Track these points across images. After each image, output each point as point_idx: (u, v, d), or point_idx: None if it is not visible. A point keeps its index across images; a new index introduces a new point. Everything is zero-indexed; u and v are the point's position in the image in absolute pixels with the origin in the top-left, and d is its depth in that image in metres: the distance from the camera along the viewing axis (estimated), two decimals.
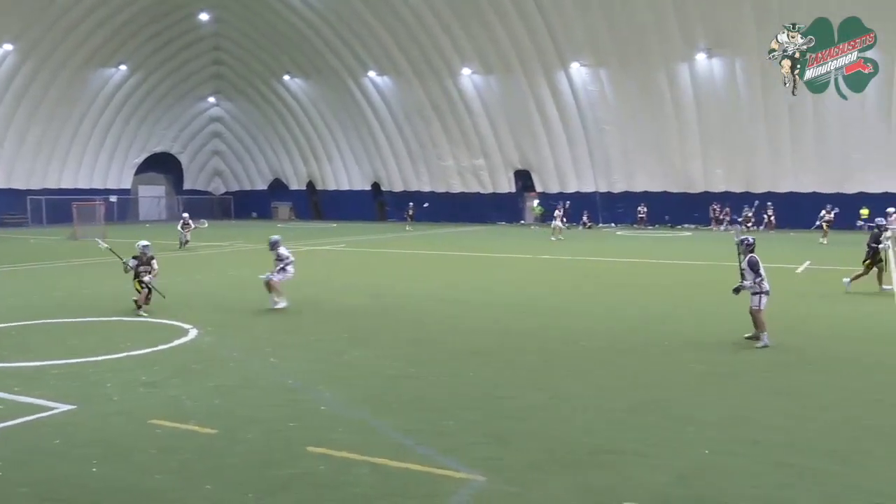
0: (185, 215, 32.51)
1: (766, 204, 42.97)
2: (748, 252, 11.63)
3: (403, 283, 19.76)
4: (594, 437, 7.27)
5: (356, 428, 7.59)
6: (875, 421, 7.81)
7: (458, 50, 48.08)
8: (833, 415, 8.01)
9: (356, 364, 10.43)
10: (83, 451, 6.91)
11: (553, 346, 11.63)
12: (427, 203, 52.25)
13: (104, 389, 8.99)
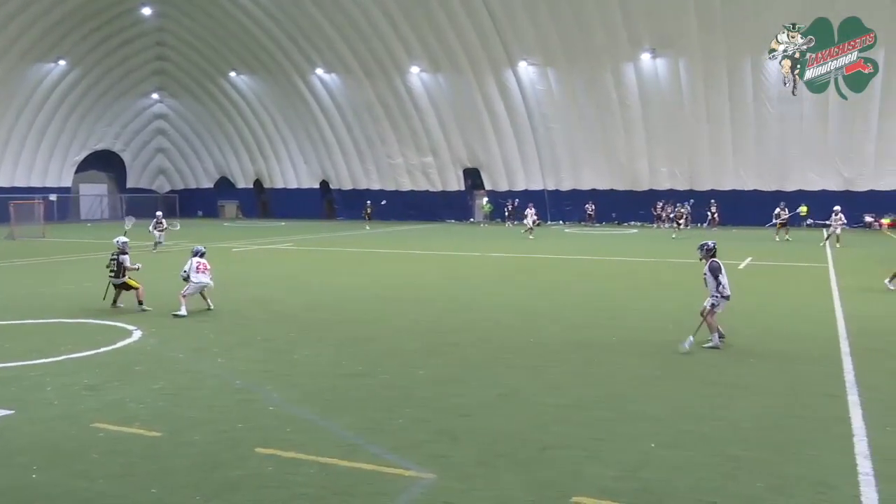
0: (159, 214, 30.25)
1: (711, 201, 43.92)
2: (709, 256, 11.26)
3: (352, 281, 19.65)
4: (543, 433, 7.34)
5: (305, 427, 7.53)
6: (817, 412, 8.05)
7: (406, 48, 48.03)
8: (776, 407, 8.23)
9: (305, 363, 10.35)
10: (22, 457, 6.71)
11: (503, 342, 11.69)
12: (385, 201, 52.08)
13: (44, 393, 8.75)
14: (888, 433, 7.30)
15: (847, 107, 40.30)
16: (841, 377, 9.46)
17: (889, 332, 12.46)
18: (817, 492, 5.93)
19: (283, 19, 49.45)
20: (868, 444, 6.96)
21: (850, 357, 10.54)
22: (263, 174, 60.93)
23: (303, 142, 57.36)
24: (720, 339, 11.06)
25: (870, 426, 7.48)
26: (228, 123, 59.52)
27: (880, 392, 8.77)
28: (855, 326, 12.87)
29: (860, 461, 6.55)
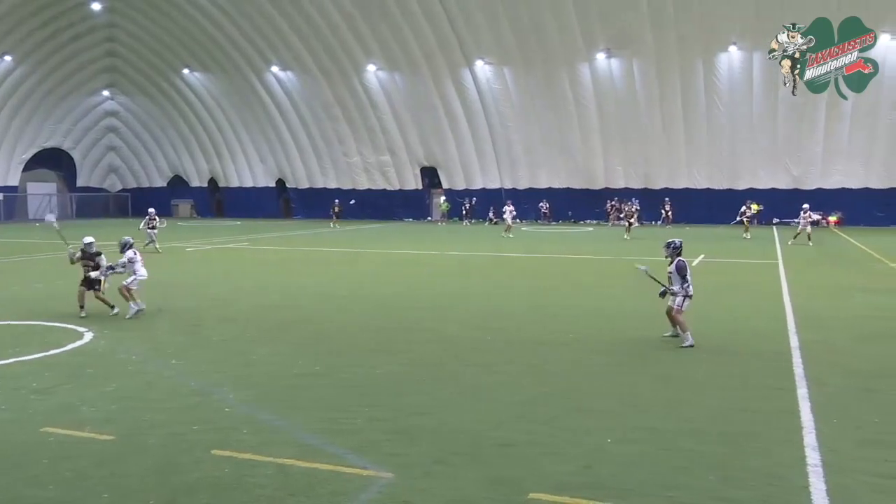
0: (151, 211, 28.61)
1: (665, 199, 44.69)
2: (675, 255, 11.15)
3: (309, 280, 19.52)
4: (500, 430, 7.38)
5: (262, 429, 7.47)
6: (767, 406, 8.23)
7: (362, 46, 47.84)
8: (727, 401, 8.39)
9: (261, 363, 10.25)
10: None
11: (459, 340, 11.73)
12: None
13: None
14: (835, 425, 7.50)
15: (795, 107, 41.27)
16: (790, 371, 9.69)
17: (836, 327, 12.81)
18: (767, 483, 6.07)
19: (237, 16, 48.86)
20: (816, 437, 7.14)
21: (798, 351, 10.79)
22: (218, 173, 60.15)
23: (258, 140, 56.75)
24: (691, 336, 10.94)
25: (818, 418, 7.68)
26: (182, 121, 58.60)
27: (827, 385, 9.01)
28: (803, 320, 13.19)
29: (809, 453, 6.73)
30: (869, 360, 10.33)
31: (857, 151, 41.93)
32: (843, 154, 42.25)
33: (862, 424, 7.53)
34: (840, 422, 7.62)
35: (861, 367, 9.94)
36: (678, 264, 10.98)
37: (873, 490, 5.95)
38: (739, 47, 40.77)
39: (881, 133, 40.90)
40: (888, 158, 41.46)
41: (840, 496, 5.81)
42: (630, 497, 5.82)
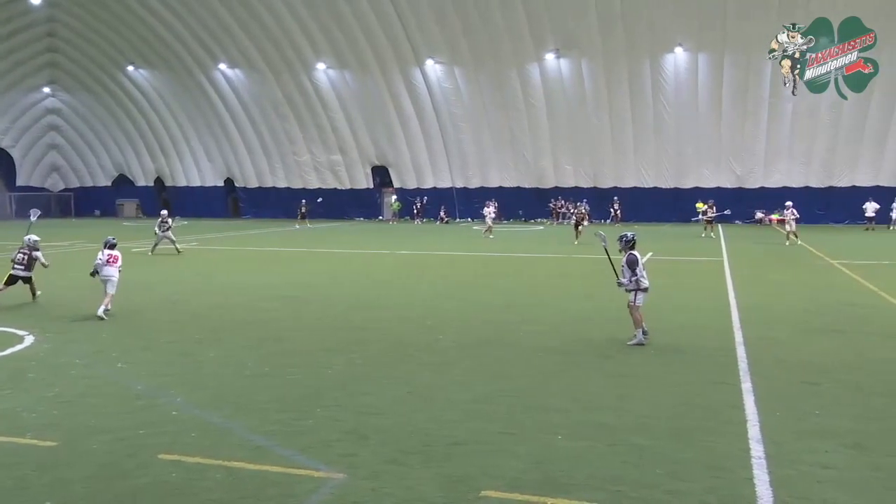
0: (164, 212, 28.21)
1: (613, 198, 45.30)
2: (628, 249, 11.23)
3: (258, 280, 19.30)
4: (452, 429, 7.40)
5: (211, 431, 7.36)
6: (712, 400, 8.41)
7: (312, 44, 47.44)
8: (675, 397, 8.55)
9: (210, 365, 10.10)
10: None
11: (410, 339, 11.72)
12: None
13: None
14: (778, 418, 7.70)
15: (738, 108, 42.27)
16: (735, 366, 9.91)
17: (779, 322, 13.14)
18: (713, 475, 6.21)
19: (183, 12, 47.99)
20: (760, 429, 7.32)
21: (743, 346, 11.05)
22: (165, 172, 59.05)
23: (206, 139, 55.87)
24: (644, 336, 11.06)
25: (761, 412, 7.88)
26: (127, 119, 57.33)
27: (771, 379, 9.24)
28: (747, 317, 13.51)
29: (753, 445, 6.89)
30: (810, 355, 10.63)
31: (797, 151, 43.08)
32: (784, 154, 43.38)
33: (803, 417, 7.74)
34: (783, 414, 7.82)
35: (802, 361, 10.22)
36: (629, 258, 11.08)
37: (815, 480, 6.12)
38: (685, 49, 41.54)
39: (820, 134, 42.08)
40: (827, 158, 42.68)
41: (783, 487, 5.96)
42: (580, 492, 5.89)
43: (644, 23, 40.92)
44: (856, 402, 8.26)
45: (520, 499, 5.78)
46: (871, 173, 42.35)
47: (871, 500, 5.77)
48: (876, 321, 13.30)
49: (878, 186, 41.97)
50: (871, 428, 7.40)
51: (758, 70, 40.95)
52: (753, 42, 39.82)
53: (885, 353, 10.78)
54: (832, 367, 9.84)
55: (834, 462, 6.51)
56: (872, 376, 9.41)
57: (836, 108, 40.80)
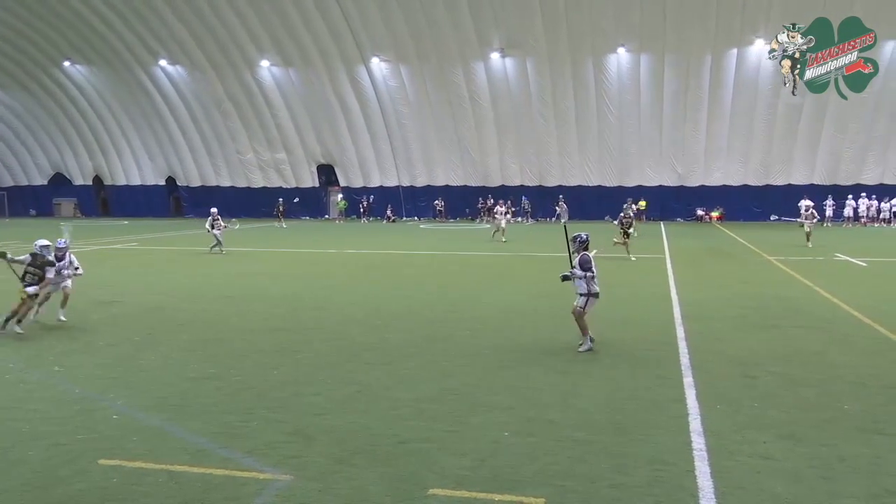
0: (214, 210, 27.07)
1: (559, 196, 45.81)
2: (581, 249, 10.96)
3: (201, 281, 18.98)
4: (399, 428, 7.39)
5: (152, 435, 7.21)
6: (655, 395, 8.56)
7: (255, 41, 46.78)
8: (619, 392, 8.69)
9: (151, 368, 9.89)
10: None
11: (357, 339, 11.66)
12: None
13: None
14: (718, 411, 7.88)
15: (679, 108, 43.16)
16: (677, 361, 10.11)
17: (718, 317, 13.45)
18: (655, 469, 6.33)
19: (121, 6, 46.71)
20: (701, 423, 7.49)
21: (684, 342, 11.28)
22: (103, 170, 57.58)
23: (146, 137, 54.65)
24: (591, 342, 10.71)
25: (702, 405, 8.06)
26: (63, 116, 55.70)
27: (711, 373, 9.45)
28: (688, 312, 13.80)
29: (694, 438, 7.05)
30: (748, 349, 10.91)
31: (735, 151, 44.19)
32: (723, 153, 44.44)
33: (742, 409, 7.94)
34: (722, 407, 8.01)
35: (741, 355, 10.48)
36: (582, 258, 10.83)
37: (753, 470, 6.29)
38: (628, 49, 42.20)
39: (757, 133, 43.24)
40: (764, 157, 43.90)
41: (723, 478, 6.12)
42: (526, 488, 5.94)
43: (587, 24, 41.44)
44: (791, 394, 8.51)
45: (466, 496, 5.81)
46: (806, 172, 43.70)
47: (806, 488, 5.95)
48: (810, 315, 13.72)
49: (813, 184, 43.34)
50: (806, 418, 7.64)
51: (697, 71, 41.88)
52: (693, 44, 40.72)
53: (819, 346, 11.13)
54: (769, 361, 10.11)
55: (771, 452, 6.69)
56: (807, 369, 9.71)
57: (771, 108, 42.01)
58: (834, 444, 6.88)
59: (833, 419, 7.64)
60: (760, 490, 5.91)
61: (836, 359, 10.29)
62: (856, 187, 42.97)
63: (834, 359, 10.29)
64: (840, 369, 9.68)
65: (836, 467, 6.36)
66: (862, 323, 12.88)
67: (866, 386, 8.87)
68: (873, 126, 41.49)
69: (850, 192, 42.96)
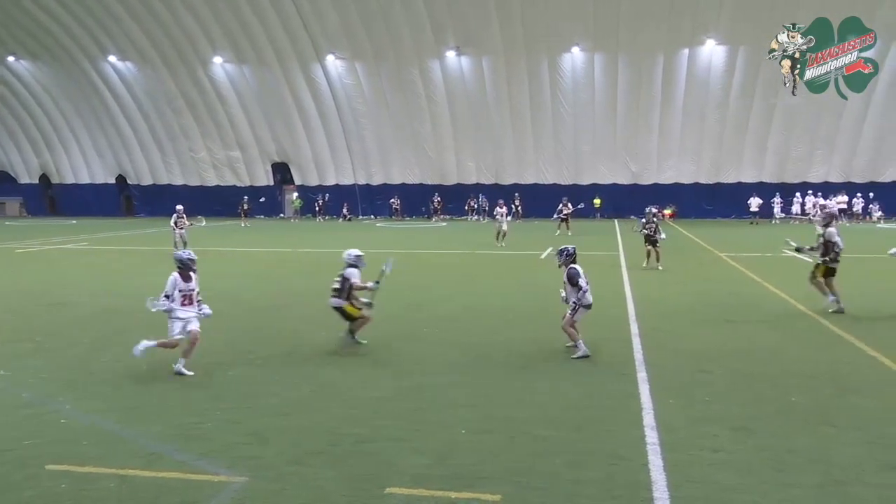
0: (179, 208, 25.93)
1: (514, 194, 46.07)
2: (568, 263, 10.44)
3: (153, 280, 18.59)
4: (358, 427, 7.36)
5: (103, 439, 7.06)
6: (611, 390, 8.68)
7: (208, 37, 46.07)
8: (576, 388, 8.77)
9: (103, 370, 9.68)
10: None
11: (314, 339, 11.57)
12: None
13: None
14: (671, 405, 8.01)
15: (632, 107, 43.72)
16: (631, 356, 10.25)
17: (671, 314, 13.66)
18: (610, 463, 6.41)
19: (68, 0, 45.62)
20: (654, 417, 7.61)
21: (638, 338, 11.43)
22: (51, 168, 56.20)
23: (96, 134, 53.47)
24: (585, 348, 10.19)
25: (656, 400, 8.18)
26: (8, 113, 54.19)
27: (664, 369, 9.60)
28: (642, 309, 13.99)
29: (647, 432, 7.15)
30: (700, 344, 11.10)
31: (687, 149, 44.95)
32: (675, 151, 45.16)
33: (695, 404, 8.08)
34: (676, 402, 8.14)
35: (694, 350, 10.67)
36: (570, 272, 10.28)
37: (705, 463, 6.41)
38: (582, 49, 42.59)
39: (708, 133, 44.04)
40: (715, 156, 44.73)
41: (676, 471, 6.21)
42: (485, 485, 5.96)
43: (542, 22, 41.70)
44: (743, 388, 8.68)
45: (425, 494, 5.81)
46: (755, 170, 44.65)
47: (758, 479, 6.08)
48: (761, 310, 14.01)
49: (762, 183, 44.33)
50: (757, 412, 7.80)
51: (650, 71, 42.46)
52: (645, 44, 41.26)
53: (769, 340, 11.38)
54: (721, 356, 10.30)
55: (723, 445, 6.82)
56: (757, 363, 9.92)
57: (721, 108, 42.82)
58: (784, 437, 7.04)
59: (783, 412, 7.82)
60: (712, 482, 6.02)
61: (786, 353, 10.54)
62: (803, 185, 44.03)
63: (784, 353, 10.54)
64: (790, 363, 9.92)
65: (786, 459, 6.51)
66: (809, 318, 13.20)
67: (815, 379, 9.10)
68: (818, 126, 42.55)
69: (798, 190, 44.01)
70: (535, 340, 11.30)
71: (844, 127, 42.31)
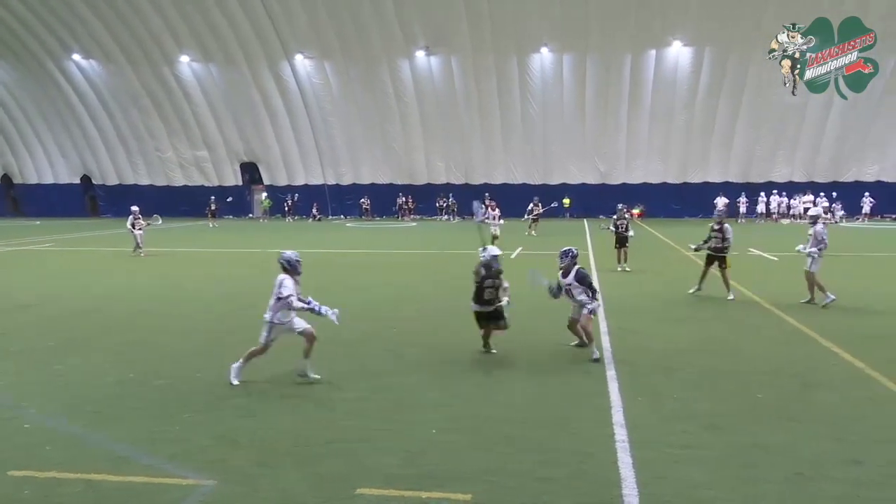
0: (135, 209, 25.41)
1: (485, 194, 46.17)
2: (574, 264, 10.24)
3: (120, 282, 18.38)
4: (327, 428, 7.33)
5: (68, 443, 6.95)
6: (579, 389, 8.73)
7: (174, 36, 45.53)
8: (544, 387, 8.82)
9: (68, 373, 9.53)
10: None
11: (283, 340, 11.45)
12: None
13: None
14: (639, 403, 8.09)
15: (601, 107, 44.05)
16: (600, 354, 10.30)
17: (639, 312, 13.79)
18: (580, 461, 6.45)
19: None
20: (623, 414, 7.67)
21: (607, 336, 11.51)
22: (13, 168, 55.17)
23: (59, 133, 52.58)
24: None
25: (625, 398, 8.25)
26: None
27: (632, 366, 9.68)
28: (610, 307, 14.08)
29: (616, 430, 7.21)
30: (668, 342, 11.22)
31: (655, 149, 45.40)
32: (643, 151, 45.59)
33: (663, 401, 8.16)
34: (644, 399, 8.22)
35: (661, 348, 10.78)
36: (578, 274, 10.08)
37: (673, 460, 6.48)
38: (550, 49, 42.82)
39: (675, 133, 44.54)
40: (682, 156, 45.24)
41: (644, 468, 6.27)
42: (455, 485, 5.97)
43: (511, 23, 41.86)
44: (710, 385, 8.79)
45: (395, 494, 5.80)
46: (721, 170, 45.24)
47: (726, 476, 6.15)
48: (727, 308, 14.19)
49: (728, 182, 44.94)
50: (724, 408, 7.91)
51: (618, 72, 42.82)
52: (614, 45, 41.62)
53: (735, 337, 11.54)
54: (688, 353, 10.42)
55: (691, 442, 6.90)
56: (724, 360, 10.05)
57: (688, 109, 43.33)
58: (751, 432, 7.14)
59: (750, 408, 7.93)
60: (681, 478, 6.09)
61: (752, 350, 10.69)
62: (767, 185, 44.71)
63: (750, 350, 10.69)
64: (755, 360, 10.06)
65: (754, 454, 6.60)
66: (774, 315, 13.41)
67: (779, 375, 9.24)
68: (782, 127, 43.25)
69: (763, 190, 44.68)
70: (504, 339, 11.32)
71: (807, 127, 43.08)
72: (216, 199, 46.31)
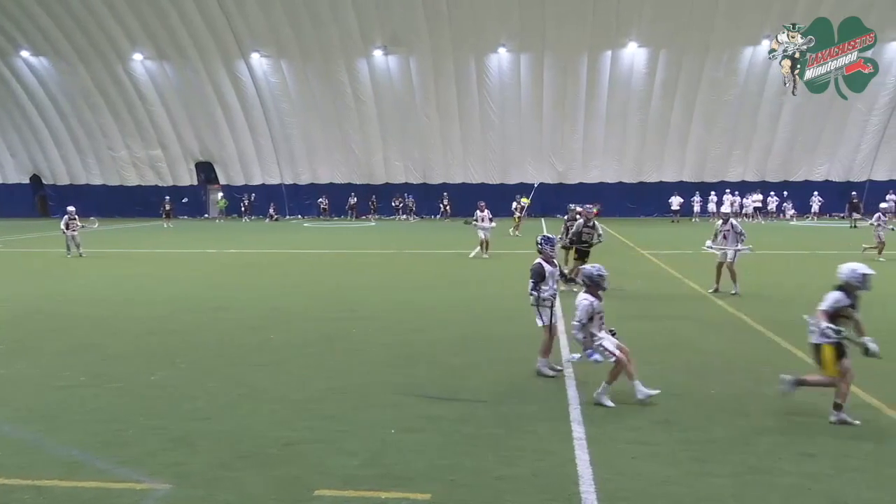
0: (71, 209, 25.16)
1: (443, 194, 46.25)
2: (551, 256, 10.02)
3: (71, 283, 18.00)
4: (284, 430, 7.27)
5: (17, 449, 6.79)
6: (538, 387, 8.79)
7: (126, 32, 44.64)
8: (503, 385, 8.86)
9: (17, 378, 9.30)
10: None
11: (241, 340, 11.37)
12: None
13: None
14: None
15: (558, 107, 44.41)
16: (558, 353, 10.39)
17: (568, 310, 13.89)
18: (538, 459, 6.51)
19: None
20: (581, 412, 7.76)
21: (563, 335, 11.60)
22: None
23: (7, 132, 51.20)
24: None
25: (581, 396, 8.34)
26: None
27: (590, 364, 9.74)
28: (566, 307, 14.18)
29: (574, 427, 7.29)
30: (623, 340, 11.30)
31: (611, 149, 45.92)
32: (599, 151, 46.09)
33: (619, 398, 8.25)
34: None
35: None
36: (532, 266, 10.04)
37: (629, 456, 6.57)
38: (508, 49, 43.03)
39: (631, 133, 45.12)
40: (637, 156, 45.84)
41: (602, 464, 6.35)
42: (414, 484, 5.97)
43: (469, 22, 41.95)
44: (665, 382, 8.90)
45: (354, 495, 5.79)
46: (676, 170, 45.96)
47: (680, 470, 6.26)
48: (680, 305, 14.43)
49: (682, 182, 45.67)
50: (678, 404, 8.04)
51: (574, 72, 43.20)
52: (570, 45, 41.97)
53: (689, 334, 11.75)
54: (643, 351, 10.51)
55: (646, 438, 7.00)
56: (679, 356, 10.21)
57: (643, 109, 43.93)
58: (704, 428, 7.28)
59: (703, 403, 8.08)
60: (637, 474, 6.18)
61: (705, 346, 10.88)
62: (721, 184, 45.52)
63: (703, 346, 10.88)
64: (709, 356, 10.25)
65: (707, 449, 6.73)
66: (727, 312, 13.67)
67: (732, 371, 9.42)
68: (736, 127, 44.08)
69: (716, 189, 45.47)
70: (463, 338, 11.38)
71: (760, 127, 43.97)
72: (171, 200, 45.58)
